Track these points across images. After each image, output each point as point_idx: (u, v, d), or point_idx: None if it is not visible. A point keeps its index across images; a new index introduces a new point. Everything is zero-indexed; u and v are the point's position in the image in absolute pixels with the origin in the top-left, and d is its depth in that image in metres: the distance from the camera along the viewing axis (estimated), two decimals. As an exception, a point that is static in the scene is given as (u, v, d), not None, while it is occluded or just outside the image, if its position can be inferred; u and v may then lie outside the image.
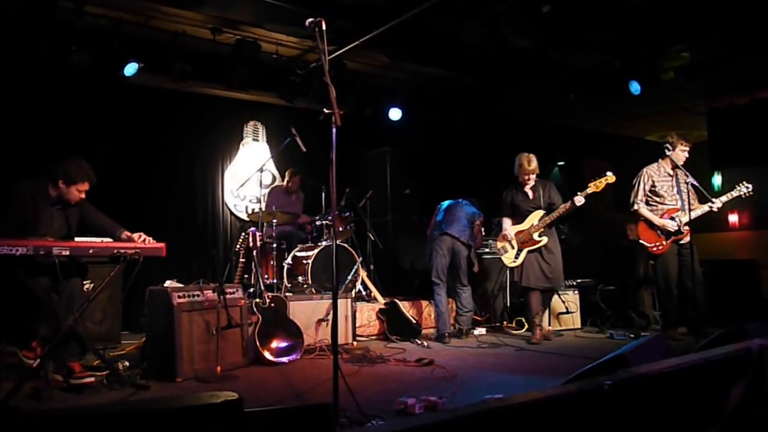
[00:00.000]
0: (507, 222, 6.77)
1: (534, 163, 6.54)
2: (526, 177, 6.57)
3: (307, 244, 7.21)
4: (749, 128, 9.21)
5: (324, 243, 6.99)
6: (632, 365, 2.97)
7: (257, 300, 5.55)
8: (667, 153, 6.33)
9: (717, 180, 10.81)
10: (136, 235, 4.85)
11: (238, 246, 5.72)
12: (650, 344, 3.49)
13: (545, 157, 6.86)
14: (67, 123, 7.09)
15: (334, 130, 3.60)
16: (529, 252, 6.50)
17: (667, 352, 3.49)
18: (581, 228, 6.58)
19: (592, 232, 8.24)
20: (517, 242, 6.59)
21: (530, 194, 6.64)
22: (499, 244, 6.82)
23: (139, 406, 1.82)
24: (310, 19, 3.70)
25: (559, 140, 10.08)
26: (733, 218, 11.24)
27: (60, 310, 4.55)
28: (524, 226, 6.59)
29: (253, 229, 5.76)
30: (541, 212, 6.51)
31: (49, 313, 4.62)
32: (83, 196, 4.85)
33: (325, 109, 3.59)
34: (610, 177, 6.18)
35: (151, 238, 4.88)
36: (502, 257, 6.77)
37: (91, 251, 4.59)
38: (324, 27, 3.64)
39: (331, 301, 6.11)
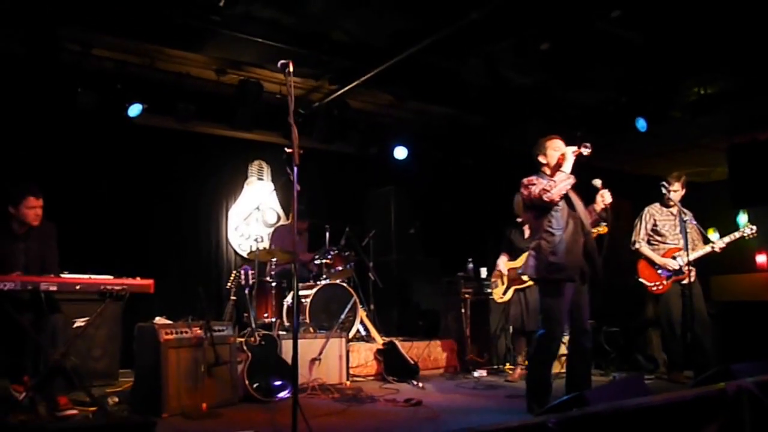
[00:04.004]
0: (503, 258, 6.77)
1: None
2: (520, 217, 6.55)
3: (308, 283, 7.21)
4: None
5: (323, 282, 7.00)
6: (590, 404, 2.91)
7: (249, 338, 5.55)
8: (664, 192, 6.23)
9: (742, 219, 10.56)
10: None
11: (229, 284, 5.76)
12: (620, 384, 3.42)
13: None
14: (71, 162, 7.22)
15: (295, 169, 3.64)
16: (516, 290, 6.45)
17: (642, 393, 3.39)
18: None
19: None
20: (507, 279, 6.56)
21: (526, 233, 6.59)
22: (492, 279, 6.84)
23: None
24: (282, 61, 3.80)
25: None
26: (761, 259, 10.95)
27: (45, 345, 4.62)
28: (516, 263, 6.55)
29: (246, 267, 5.79)
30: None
31: (36, 347, 4.69)
32: (39, 212, 4.91)
33: (286, 148, 3.64)
34: (603, 228, 6.07)
35: None
36: (493, 291, 6.79)
37: (78, 287, 4.66)
38: (292, 69, 3.74)
39: (324, 339, 6.17)
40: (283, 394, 5.40)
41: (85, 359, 5.70)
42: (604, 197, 4.76)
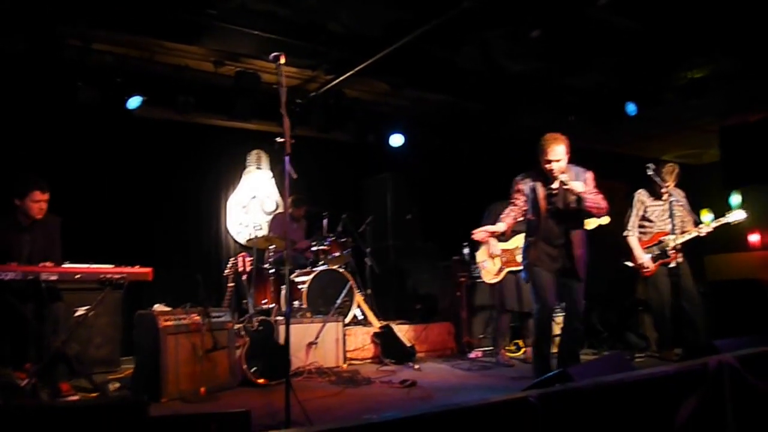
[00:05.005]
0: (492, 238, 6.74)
1: None
2: None
3: (305, 269, 7.31)
4: (763, 146, 9.12)
5: (320, 268, 7.11)
6: (574, 380, 3.00)
7: (246, 323, 5.66)
8: (650, 173, 6.24)
9: (735, 200, 10.62)
10: None
11: (226, 271, 5.85)
12: (604, 361, 3.51)
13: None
14: (74, 155, 7.31)
15: (287, 158, 3.76)
16: (509, 272, 6.51)
17: (626, 369, 3.49)
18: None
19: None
20: (501, 260, 6.61)
21: None
22: (480, 258, 6.83)
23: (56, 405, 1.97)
24: (274, 53, 3.90)
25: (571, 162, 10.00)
26: (753, 238, 10.99)
27: (47, 333, 4.74)
28: (511, 245, 6.56)
29: (243, 254, 5.89)
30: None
31: (38, 336, 4.82)
32: (44, 206, 5.08)
33: (277, 138, 3.76)
34: (604, 220, 6.15)
35: None
36: (481, 271, 6.80)
37: (77, 276, 4.79)
38: (283, 60, 3.84)
39: (321, 324, 6.27)
40: (281, 378, 5.50)
41: (86, 347, 5.80)
42: (571, 186, 4.92)
